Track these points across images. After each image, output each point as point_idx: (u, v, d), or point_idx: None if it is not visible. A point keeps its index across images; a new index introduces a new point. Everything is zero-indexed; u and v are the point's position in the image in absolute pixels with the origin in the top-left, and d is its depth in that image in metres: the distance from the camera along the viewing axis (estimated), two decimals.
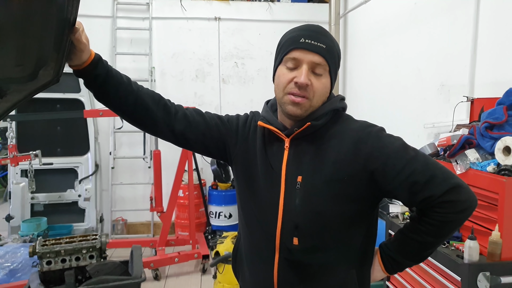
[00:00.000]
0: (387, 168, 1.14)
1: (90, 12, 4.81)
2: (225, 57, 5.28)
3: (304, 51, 1.16)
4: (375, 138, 1.17)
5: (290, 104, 1.19)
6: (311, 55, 1.16)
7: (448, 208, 1.12)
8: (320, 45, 1.16)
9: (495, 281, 1.74)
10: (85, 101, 4.71)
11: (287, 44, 1.19)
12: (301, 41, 1.16)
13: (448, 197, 1.10)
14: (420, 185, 1.11)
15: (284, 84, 1.19)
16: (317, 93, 1.18)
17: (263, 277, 1.30)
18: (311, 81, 1.16)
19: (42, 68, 0.98)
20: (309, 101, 1.18)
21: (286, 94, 1.19)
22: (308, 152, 1.22)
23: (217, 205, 4.96)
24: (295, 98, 1.17)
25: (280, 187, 1.23)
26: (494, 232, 1.77)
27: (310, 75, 1.16)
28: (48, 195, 4.72)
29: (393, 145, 1.16)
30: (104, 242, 2.71)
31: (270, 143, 1.30)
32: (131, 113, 1.25)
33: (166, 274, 4.09)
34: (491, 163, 1.90)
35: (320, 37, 1.17)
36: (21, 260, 3.30)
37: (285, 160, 1.24)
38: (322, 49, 1.16)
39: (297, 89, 1.16)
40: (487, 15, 2.56)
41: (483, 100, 2.42)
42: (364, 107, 4.38)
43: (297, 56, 1.17)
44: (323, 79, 1.19)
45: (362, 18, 4.54)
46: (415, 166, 1.12)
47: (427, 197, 1.12)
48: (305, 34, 1.17)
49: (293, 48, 1.17)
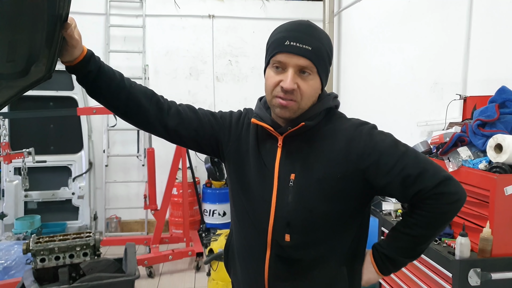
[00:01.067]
0: (380, 165, 1.15)
1: (83, 10, 4.77)
2: (218, 55, 5.27)
3: (289, 55, 1.13)
4: (367, 136, 1.18)
5: (278, 107, 1.19)
6: (296, 58, 1.13)
7: (440, 200, 1.14)
8: (305, 47, 1.13)
9: (486, 277, 1.76)
10: (79, 98, 4.70)
11: (273, 47, 1.17)
12: (286, 44, 1.13)
13: (440, 189, 1.12)
14: (412, 179, 1.13)
15: (271, 87, 1.18)
16: (305, 95, 1.17)
17: (254, 273, 1.31)
18: (298, 84, 1.15)
19: (33, 64, 0.98)
20: (297, 104, 1.17)
21: (274, 97, 1.19)
22: (301, 150, 1.23)
23: (211, 203, 4.96)
24: (282, 101, 1.16)
25: (272, 184, 1.24)
26: (485, 229, 1.78)
27: (296, 78, 1.15)
28: (42, 193, 4.71)
29: (385, 142, 1.18)
30: (98, 240, 2.70)
31: (263, 140, 1.30)
32: (123, 109, 1.25)
33: (160, 272, 4.09)
34: (483, 160, 1.92)
35: (306, 38, 1.14)
36: (14, 258, 3.28)
37: (278, 157, 1.25)
38: (308, 52, 1.13)
39: (283, 93, 1.16)
40: (480, 13, 2.58)
41: (475, 98, 2.44)
42: (357, 105, 4.39)
43: (282, 60, 1.14)
44: (311, 80, 1.17)
45: (356, 16, 4.55)
46: (406, 161, 1.14)
47: (420, 190, 1.13)
48: (290, 35, 1.14)
49: (278, 51, 1.15)
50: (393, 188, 1.17)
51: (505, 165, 1.79)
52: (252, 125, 1.34)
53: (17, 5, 0.75)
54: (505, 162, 1.80)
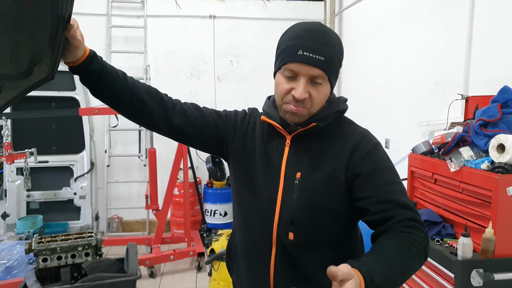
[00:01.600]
0: (370, 177, 1.16)
1: (85, 10, 4.78)
2: (220, 55, 5.28)
3: (302, 65, 1.13)
4: (373, 148, 1.21)
5: (288, 113, 1.20)
6: (309, 68, 1.13)
7: (417, 230, 1.10)
8: (319, 57, 1.12)
9: (488, 278, 1.75)
10: (80, 99, 4.70)
11: (285, 55, 1.16)
12: (299, 54, 1.12)
13: (417, 224, 1.11)
14: (394, 205, 1.12)
15: (283, 94, 1.19)
16: (315, 103, 1.18)
17: (259, 272, 1.30)
18: (309, 93, 1.16)
19: (36, 65, 0.98)
20: (307, 110, 1.19)
21: (284, 103, 1.20)
22: (309, 150, 1.24)
23: (212, 203, 4.96)
24: (293, 108, 1.18)
25: (279, 182, 1.25)
26: (488, 229, 1.78)
27: (308, 87, 1.15)
28: (44, 193, 4.71)
29: (386, 162, 1.21)
30: (99, 240, 2.70)
31: (270, 138, 1.31)
32: (127, 108, 1.25)
33: (161, 272, 4.09)
34: (485, 160, 1.91)
35: (319, 48, 1.12)
36: (17, 258, 3.29)
37: (286, 156, 1.26)
38: (321, 62, 1.12)
39: (294, 102, 1.16)
40: (482, 13, 2.57)
41: (477, 98, 2.43)
42: (359, 105, 4.38)
43: (295, 69, 1.14)
44: (322, 88, 1.17)
45: (357, 16, 4.54)
46: (396, 189, 1.16)
47: (398, 214, 1.11)
48: (303, 44, 1.12)
49: (290, 60, 1.14)
50: (369, 204, 1.15)
51: (508, 165, 1.78)
52: (258, 123, 1.35)
53: (20, 6, 0.75)
54: (508, 162, 1.79)
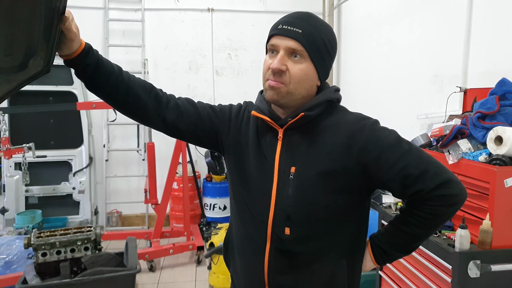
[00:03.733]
0: (380, 161, 1.14)
1: (82, 4, 4.76)
2: (218, 48, 5.26)
3: (280, 37, 1.17)
4: (370, 131, 1.17)
5: (268, 89, 1.20)
6: (286, 40, 1.16)
7: (439, 202, 1.13)
8: (295, 30, 1.15)
9: (485, 269, 1.76)
10: (78, 93, 4.68)
11: (270, 32, 1.22)
12: (279, 27, 1.18)
13: (440, 191, 1.11)
14: (412, 179, 1.12)
15: (265, 71, 1.21)
16: (294, 78, 1.16)
17: (253, 266, 1.30)
18: (287, 66, 1.16)
19: (31, 58, 0.97)
20: (286, 87, 1.17)
21: (266, 81, 1.20)
22: (302, 143, 1.22)
23: (211, 197, 4.97)
24: (271, 82, 1.17)
25: (273, 177, 1.23)
26: (485, 221, 1.78)
27: (286, 60, 1.16)
28: (43, 188, 4.72)
29: (388, 139, 1.16)
30: (98, 234, 2.71)
31: (263, 133, 1.30)
32: (122, 102, 1.25)
33: (161, 266, 4.10)
34: (483, 153, 1.92)
35: (298, 22, 1.17)
36: (16, 252, 3.30)
37: (279, 150, 1.24)
38: (298, 34, 1.15)
39: (272, 76, 1.17)
40: (480, 5, 2.56)
41: (475, 90, 2.43)
42: (357, 98, 4.38)
43: (274, 43, 1.18)
44: (301, 64, 1.17)
45: (356, 8, 4.52)
46: (408, 160, 1.12)
47: (419, 190, 1.12)
48: (284, 20, 1.19)
49: (271, 35, 1.20)
50: (392, 186, 1.17)
51: (505, 157, 1.79)
52: (252, 118, 1.34)
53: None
54: (505, 154, 1.79)
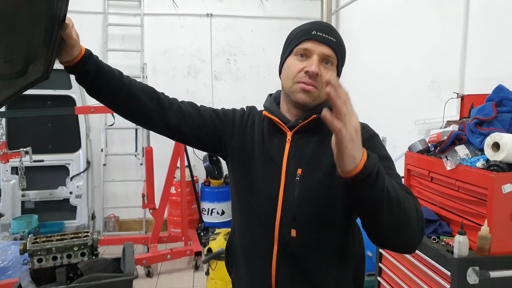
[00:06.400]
0: None
1: (81, 8, 4.78)
2: (217, 53, 5.27)
3: (316, 42, 1.20)
4: (370, 139, 1.21)
5: (300, 92, 1.21)
6: (322, 46, 1.20)
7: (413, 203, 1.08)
8: (330, 38, 1.21)
9: (484, 275, 1.76)
10: (76, 97, 4.69)
11: (299, 36, 1.23)
12: (313, 33, 1.21)
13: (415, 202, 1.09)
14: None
15: (294, 73, 1.22)
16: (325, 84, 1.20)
17: (260, 270, 1.29)
18: (320, 71, 1.19)
19: (31, 64, 0.97)
20: (318, 91, 1.21)
21: (295, 83, 1.22)
22: (310, 146, 1.24)
23: (209, 202, 4.96)
24: (306, 86, 1.20)
25: (280, 179, 1.24)
26: (483, 227, 1.79)
27: (320, 65, 1.20)
28: (39, 192, 4.70)
29: (382, 152, 1.20)
30: (95, 239, 2.70)
31: (270, 135, 1.31)
32: (124, 107, 1.25)
33: (158, 271, 4.09)
34: (481, 159, 1.92)
35: (330, 31, 1.22)
36: (11, 258, 3.27)
37: (287, 152, 1.26)
38: (333, 42, 1.21)
39: (307, 78, 1.19)
40: (477, 12, 2.58)
41: (473, 96, 2.44)
42: (356, 103, 4.35)
43: (308, 47, 1.20)
44: (331, 71, 1.22)
45: (354, 14, 4.55)
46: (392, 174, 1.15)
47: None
48: (316, 27, 1.22)
49: (305, 39, 1.21)
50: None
51: (503, 163, 1.79)
52: (257, 121, 1.35)
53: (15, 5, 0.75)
54: (503, 161, 1.80)
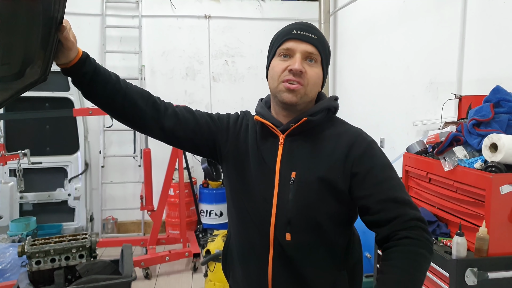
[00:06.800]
0: (369, 175, 1.17)
1: (79, 10, 4.77)
2: (215, 55, 5.27)
3: (297, 41, 1.21)
4: (368, 146, 1.22)
5: (285, 91, 1.21)
6: (304, 44, 1.21)
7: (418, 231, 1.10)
8: (312, 36, 1.22)
9: (483, 277, 1.76)
10: (75, 99, 4.68)
11: (281, 37, 1.25)
12: (294, 32, 1.22)
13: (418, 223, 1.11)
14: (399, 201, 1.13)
15: (279, 73, 1.22)
16: (311, 81, 1.22)
17: (256, 274, 1.29)
18: (305, 69, 1.20)
19: (29, 66, 0.97)
20: (304, 88, 1.21)
21: (281, 83, 1.22)
22: (303, 149, 1.25)
23: (208, 203, 4.95)
24: (290, 85, 1.20)
25: (274, 182, 1.25)
26: (481, 228, 1.79)
27: (303, 63, 1.21)
28: (37, 195, 4.69)
29: (382, 159, 1.22)
30: (94, 241, 2.69)
31: (263, 139, 1.31)
32: (119, 111, 1.25)
33: (157, 273, 4.08)
34: (478, 160, 1.92)
35: (311, 29, 1.24)
36: (10, 260, 3.26)
37: (280, 156, 1.26)
38: (314, 39, 1.22)
39: (291, 76, 1.20)
40: (474, 13, 2.59)
41: (470, 97, 2.45)
42: (353, 105, 4.39)
43: (291, 46, 1.22)
44: (316, 68, 1.23)
45: (352, 16, 4.55)
46: (395, 184, 1.17)
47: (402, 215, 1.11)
48: (297, 27, 1.24)
49: (286, 39, 1.23)
50: (369, 202, 1.15)
51: (501, 165, 1.79)
52: (251, 125, 1.35)
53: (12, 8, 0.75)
54: (500, 162, 1.80)
